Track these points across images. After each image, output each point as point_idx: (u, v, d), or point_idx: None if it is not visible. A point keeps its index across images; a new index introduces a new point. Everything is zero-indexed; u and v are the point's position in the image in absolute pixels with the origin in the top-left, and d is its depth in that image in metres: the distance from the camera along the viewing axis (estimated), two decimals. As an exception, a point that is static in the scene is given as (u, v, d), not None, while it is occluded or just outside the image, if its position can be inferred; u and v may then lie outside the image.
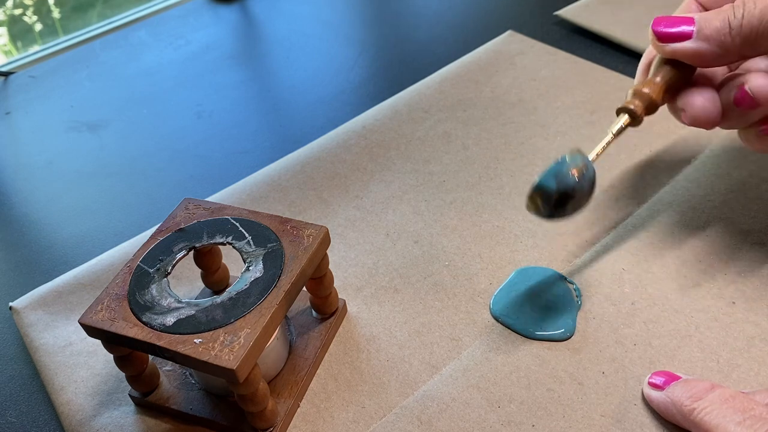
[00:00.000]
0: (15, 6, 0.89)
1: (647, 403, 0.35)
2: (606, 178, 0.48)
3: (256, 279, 0.34)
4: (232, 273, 0.43)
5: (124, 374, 0.37)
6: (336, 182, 0.51)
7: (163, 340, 0.31)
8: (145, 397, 0.37)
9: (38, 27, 0.87)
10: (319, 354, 0.39)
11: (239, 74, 0.68)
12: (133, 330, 0.32)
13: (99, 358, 0.41)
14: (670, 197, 0.46)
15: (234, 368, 0.30)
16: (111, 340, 0.33)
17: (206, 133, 0.61)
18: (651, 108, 0.38)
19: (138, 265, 0.35)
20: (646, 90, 0.38)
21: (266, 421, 0.34)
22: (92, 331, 0.33)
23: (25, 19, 0.87)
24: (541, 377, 0.37)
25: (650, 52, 0.42)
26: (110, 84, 0.69)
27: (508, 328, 0.39)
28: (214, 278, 0.41)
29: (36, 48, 0.79)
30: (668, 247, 0.43)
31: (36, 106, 0.67)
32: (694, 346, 0.37)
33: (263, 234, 0.36)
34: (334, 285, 0.42)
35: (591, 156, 0.37)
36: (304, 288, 0.39)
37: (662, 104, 0.38)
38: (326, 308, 0.40)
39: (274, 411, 0.35)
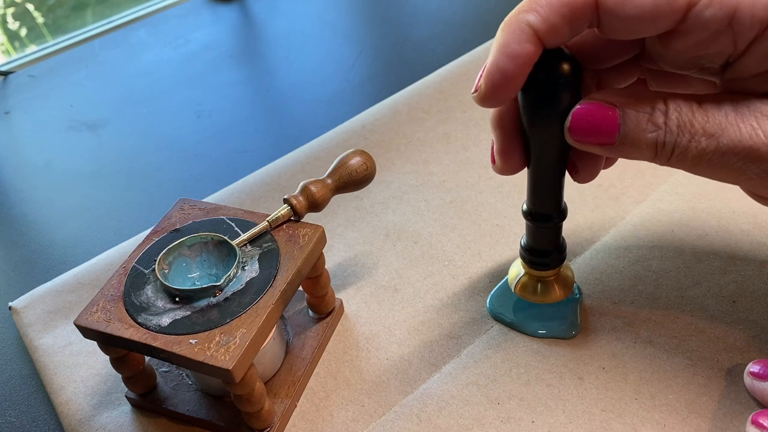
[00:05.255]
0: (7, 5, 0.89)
1: (649, 397, 0.35)
2: (606, 177, 0.48)
3: (252, 279, 0.34)
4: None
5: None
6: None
7: (159, 341, 0.31)
8: (142, 398, 0.37)
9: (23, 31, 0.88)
10: (316, 354, 0.39)
11: (239, 74, 0.68)
12: (129, 331, 0.32)
13: (98, 357, 0.41)
14: (669, 196, 0.46)
15: (230, 368, 0.30)
16: (106, 342, 0.33)
17: (206, 132, 0.61)
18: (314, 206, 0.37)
19: (133, 266, 0.35)
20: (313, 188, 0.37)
21: (263, 422, 0.34)
22: (88, 332, 0.33)
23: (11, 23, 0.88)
24: (540, 373, 0.37)
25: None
26: (109, 83, 0.69)
27: (509, 326, 0.39)
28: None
29: (35, 47, 0.79)
30: (668, 246, 0.42)
31: (35, 106, 0.67)
32: (693, 345, 0.37)
33: (259, 234, 0.36)
34: (334, 285, 0.42)
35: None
36: (301, 288, 0.39)
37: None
38: (323, 308, 0.40)
39: (271, 411, 0.35)
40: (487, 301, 0.41)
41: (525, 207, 0.35)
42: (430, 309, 0.41)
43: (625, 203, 0.46)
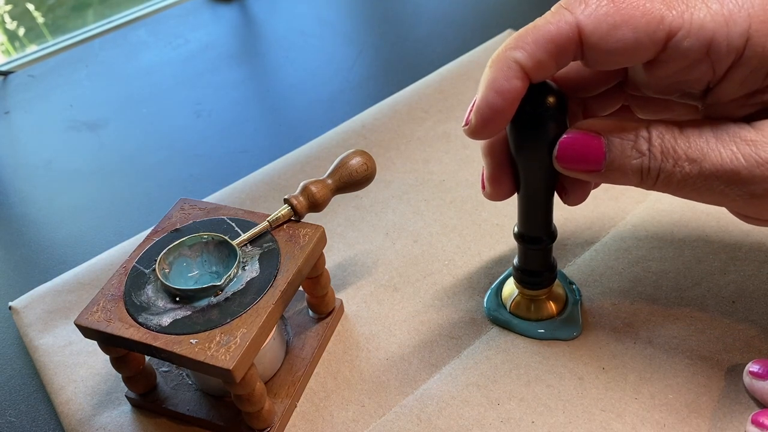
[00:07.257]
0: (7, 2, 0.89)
1: (649, 397, 0.35)
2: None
3: (253, 279, 0.34)
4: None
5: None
6: (335, 181, 0.51)
7: (159, 341, 0.31)
8: (142, 398, 0.37)
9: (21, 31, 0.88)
10: (316, 354, 0.39)
11: (238, 73, 0.68)
12: (129, 331, 0.32)
13: (98, 357, 0.41)
14: (669, 196, 0.45)
15: (230, 368, 0.30)
16: (107, 341, 0.33)
17: (205, 132, 0.61)
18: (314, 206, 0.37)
19: (134, 265, 0.35)
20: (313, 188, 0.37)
21: (263, 422, 0.34)
22: (88, 332, 0.33)
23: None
24: (540, 374, 0.37)
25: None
26: (109, 83, 0.69)
27: (507, 327, 0.39)
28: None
29: (35, 47, 0.79)
30: (668, 247, 0.42)
31: (35, 106, 0.67)
32: (693, 345, 0.37)
33: (259, 234, 0.36)
34: (334, 284, 0.42)
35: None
36: (301, 288, 0.39)
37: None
38: (323, 308, 0.40)
39: (271, 411, 0.35)
40: (485, 301, 0.41)
41: (516, 230, 0.36)
42: (430, 309, 0.41)
43: (625, 203, 0.46)
